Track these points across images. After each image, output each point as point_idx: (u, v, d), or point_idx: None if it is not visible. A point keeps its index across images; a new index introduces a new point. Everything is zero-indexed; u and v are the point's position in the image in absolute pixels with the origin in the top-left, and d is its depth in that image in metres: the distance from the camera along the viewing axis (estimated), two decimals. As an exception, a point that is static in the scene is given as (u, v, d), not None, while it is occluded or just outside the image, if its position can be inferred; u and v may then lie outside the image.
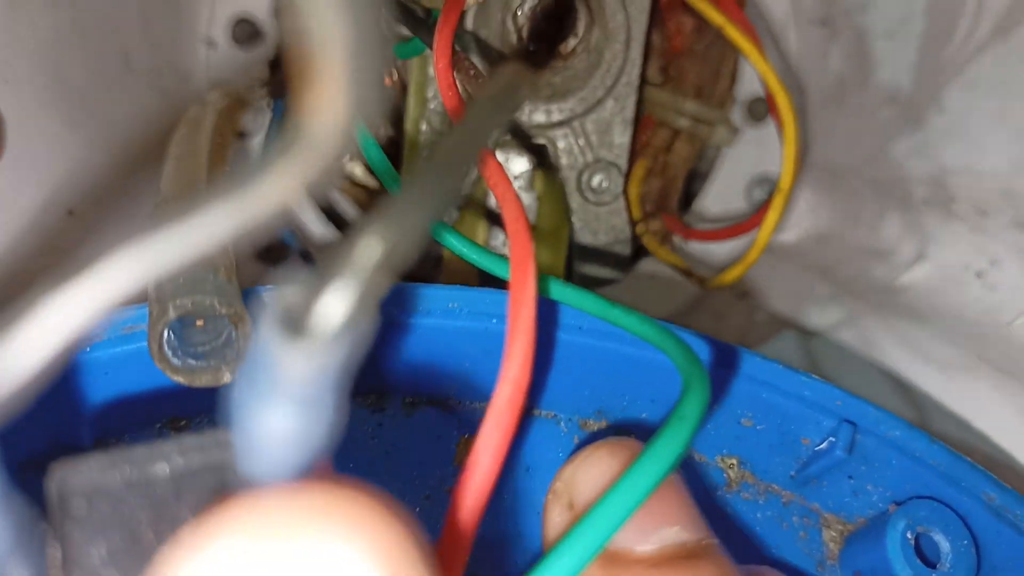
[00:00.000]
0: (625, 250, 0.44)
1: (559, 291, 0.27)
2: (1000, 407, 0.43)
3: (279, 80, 0.57)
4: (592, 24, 0.40)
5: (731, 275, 0.44)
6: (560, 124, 0.42)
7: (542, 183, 0.43)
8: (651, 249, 0.47)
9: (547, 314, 0.29)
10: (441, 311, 0.29)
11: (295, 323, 0.13)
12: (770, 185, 0.56)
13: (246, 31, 0.56)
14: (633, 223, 0.44)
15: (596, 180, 0.42)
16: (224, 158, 0.36)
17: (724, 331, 0.55)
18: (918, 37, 0.51)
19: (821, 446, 0.30)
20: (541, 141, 0.43)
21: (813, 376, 0.30)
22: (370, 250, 0.13)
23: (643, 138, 0.48)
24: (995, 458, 0.42)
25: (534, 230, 0.43)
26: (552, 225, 0.42)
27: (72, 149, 0.46)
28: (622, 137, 0.42)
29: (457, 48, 0.29)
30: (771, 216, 0.43)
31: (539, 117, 0.43)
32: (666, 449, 0.21)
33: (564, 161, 0.43)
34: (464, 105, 0.28)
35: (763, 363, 0.30)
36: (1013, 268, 0.47)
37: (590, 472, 0.24)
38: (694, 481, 0.32)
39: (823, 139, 0.57)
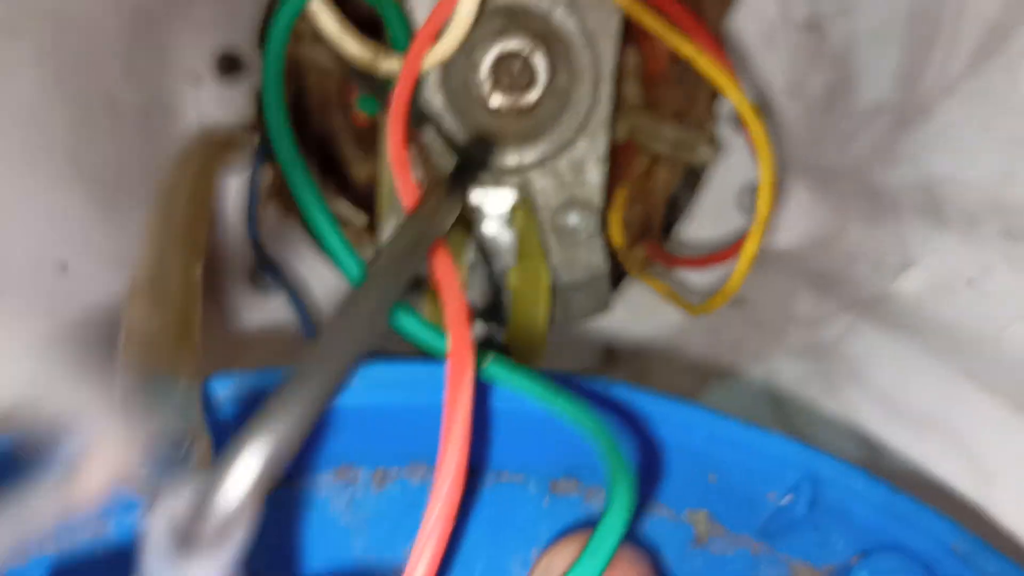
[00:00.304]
0: (603, 287, 0.44)
1: (500, 373, 0.28)
2: (988, 429, 0.43)
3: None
4: (556, 69, 0.40)
5: (713, 304, 0.45)
6: (533, 166, 0.42)
7: (522, 219, 0.43)
8: (636, 275, 0.47)
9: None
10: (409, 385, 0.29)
11: (184, 537, 0.14)
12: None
13: (230, 64, 0.56)
14: (614, 254, 0.44)
15: (571, 219, 0.42)
16: (204, 227, 0.37)
17: (719, 345, 0.55)
18: (904, 44, 0.50)
19: (784, 501, 0.31)
20: (516, 181, 0.43)
21: (775, 431, 0.31)
22: (253, 456, 0.14)
23: (623, 164, 0.48)
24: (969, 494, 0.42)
25: (514, 270, 0.43)
26: (532, 263, 0.43)
27: (61, 202, 0.48)
28: (596, 176, 0.42)
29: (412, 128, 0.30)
30: (749, 247, 0.43)
31: (511, 160, 0.43)
32: (597, 555, 0.21)
33: (539, 201, 0.43)
34: (419, 199, 0.29)
35: (724, 422, 0.31)
36: (1004, 276, 0.47)
37: (566, 561, 0.25)
38: (663, 536, 0.32)
39: (814, 145, 0.57)
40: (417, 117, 0.39)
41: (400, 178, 0.31)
